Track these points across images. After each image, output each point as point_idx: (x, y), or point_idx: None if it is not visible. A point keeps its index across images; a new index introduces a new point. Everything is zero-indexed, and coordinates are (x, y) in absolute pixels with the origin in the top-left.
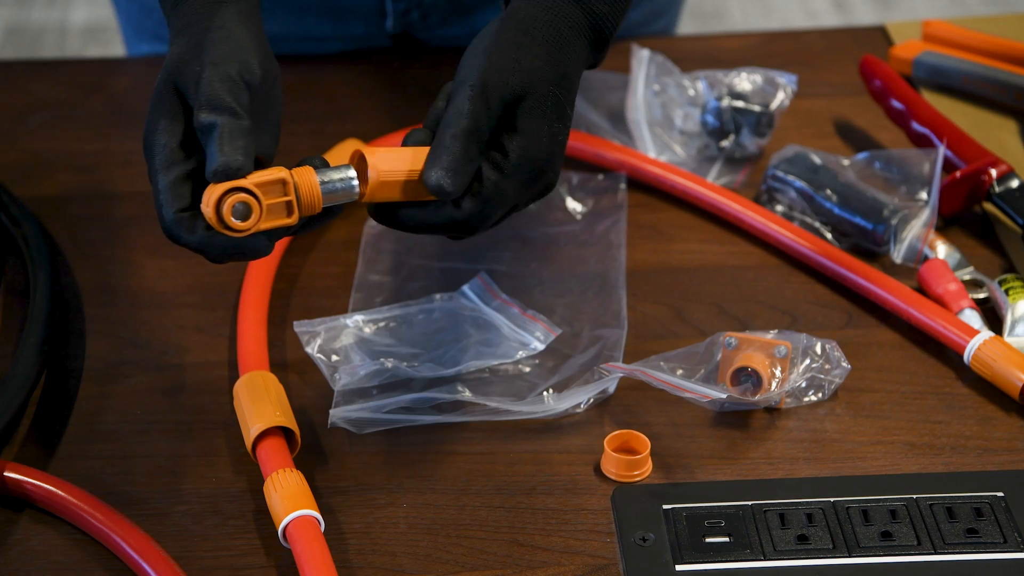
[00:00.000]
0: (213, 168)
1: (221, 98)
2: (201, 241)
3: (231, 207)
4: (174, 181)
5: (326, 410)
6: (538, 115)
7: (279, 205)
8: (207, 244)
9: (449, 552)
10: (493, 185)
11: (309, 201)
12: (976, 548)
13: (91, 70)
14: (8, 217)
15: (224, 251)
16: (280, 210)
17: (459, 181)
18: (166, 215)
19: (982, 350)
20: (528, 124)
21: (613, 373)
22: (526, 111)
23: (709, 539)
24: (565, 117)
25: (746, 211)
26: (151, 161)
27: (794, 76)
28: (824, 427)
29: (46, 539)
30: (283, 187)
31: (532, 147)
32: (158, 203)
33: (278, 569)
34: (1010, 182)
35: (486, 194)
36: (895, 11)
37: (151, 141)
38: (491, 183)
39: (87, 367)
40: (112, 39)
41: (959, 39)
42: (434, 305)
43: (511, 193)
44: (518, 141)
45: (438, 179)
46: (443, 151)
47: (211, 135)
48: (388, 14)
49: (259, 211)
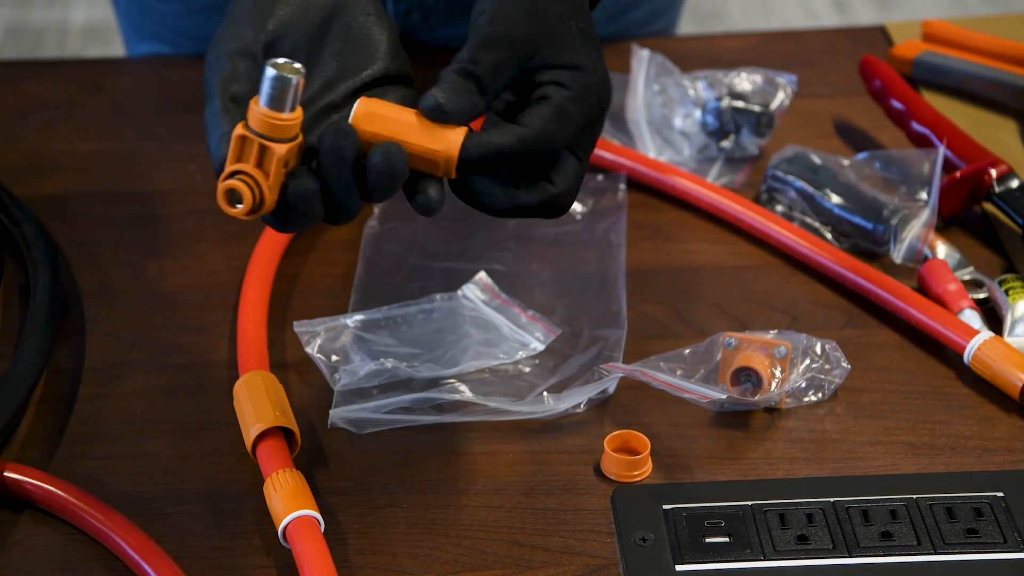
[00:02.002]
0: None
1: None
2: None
3: (224, 194)
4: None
5: (326, 410)
6: (568, 48)
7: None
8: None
9: (449, 552)
10: (556, 104)
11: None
12: (976, 548)
13: (91, 70)
14: (8, 217)
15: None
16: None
17: (456, 100)
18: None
19: (982, 350)
20: (567, 59)
21: (613, 373)
22: (554, 50)
23: (709, 539)
24: (596, 43)
25: (746, 211)
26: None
27: (794, 76)
28: (824, 427)
29: (46, 539)
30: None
31: (581, 76)
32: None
33: (278, 569)
34: (1010, 182)
35: (549, 110)
36: (895, 11)
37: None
38: (554, 103)
39: (87, 367)
40: (112, 39)
41: (959, 39)
42: (434, 305)
43: (574, 112)
44: (563, 75)
45: (432, 97)
46: (440, 80)
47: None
48: (388, 15)
49: (253, 196)
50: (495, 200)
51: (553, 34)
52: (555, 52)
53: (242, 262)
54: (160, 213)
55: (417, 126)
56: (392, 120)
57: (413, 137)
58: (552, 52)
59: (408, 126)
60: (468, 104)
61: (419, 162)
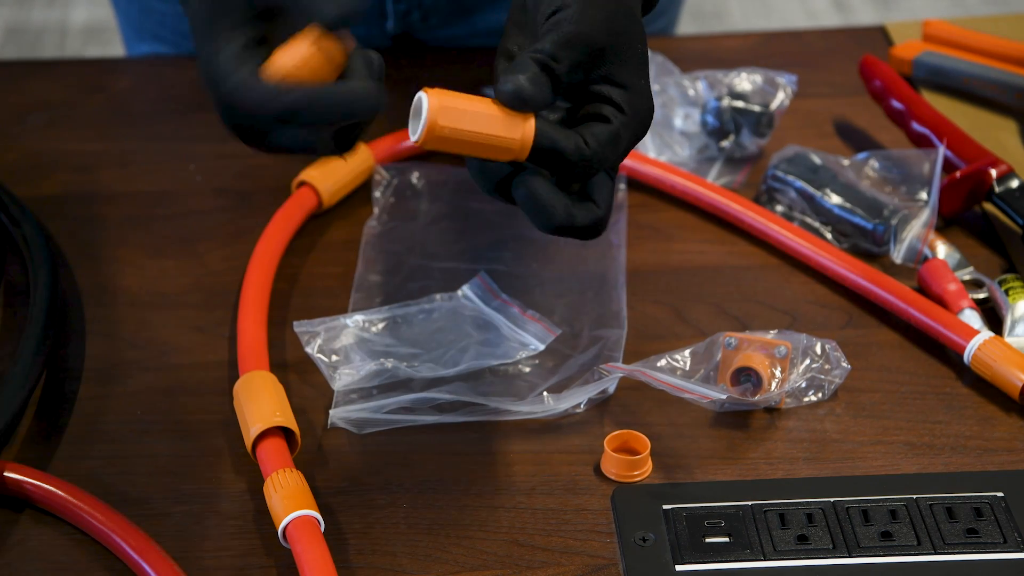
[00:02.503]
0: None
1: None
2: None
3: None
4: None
5: (326, 410)
6: (632, 69)
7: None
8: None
9: (449, 552)
10: (614, 129)
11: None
12: (976, 548)
13: (91, 70)
14: (8, 217)
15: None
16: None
17: (536, 91)
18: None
19: (982, 350)
20: (628, 79)
21: (613, 373)
22: (620, 66)
23: (709, 539)
24: (648, 67)
25: (746, 211)
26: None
27: (794, 76)
28: (824, 427)
29: (46, 539)
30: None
31: (637, 100)
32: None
33: (278, 569)
34: (1010, 182)
35: (607, 134)
36: (895, 11)
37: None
38: (612, 127)
39: (87, 367)
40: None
41: (959, 39)
42: (434, 305)
43: (625, 139)
44: (621, 94)
45: (515, 83)
46: (521, 65)
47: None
48: (389, 15)
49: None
50: (555, 213)
51: (624, 50)
52: (619, 68)
53: (242, 262)
54: (160, 213)
55: (493, 116)
56: (469, 113)
57: (492, 128)
58: (616, 67)
59: (485, 117)
60: (543, 97)
61: (490, 151)
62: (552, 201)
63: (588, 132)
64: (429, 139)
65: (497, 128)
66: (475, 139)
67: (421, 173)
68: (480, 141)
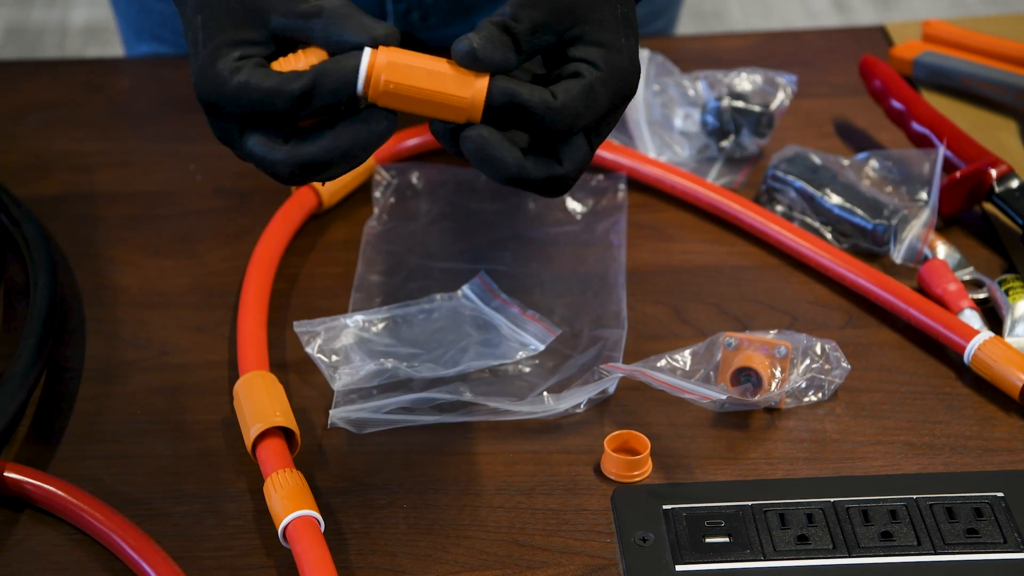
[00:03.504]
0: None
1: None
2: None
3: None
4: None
5: (326, 410)
6: (609, 28)
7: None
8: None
9: (449, 552)
10: (586, 83)
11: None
12: (976, 548)
13: (91, 70)
14: (8, 217)
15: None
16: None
17: (490, 48)
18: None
19: (982, 350)
20: (604, 38)
21: (613, 373)
22: (595, 26)
23: (709, 539)
24: (634, 28)
25: (746, 211)
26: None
27: (794, 76)
28: (824, 427)
29: (46, 539)
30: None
31: (615, 57)
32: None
33: (278, 569)
34: (1010, 182)
35: (579, 88)
36: (895, 11)
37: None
38: (584, 81)
39: (87, 367)
40: (112, 39)
41: (959, 39)
42: (434, 305)
43: (603, 95)
44: (598, 52)
45: (468, 41)
46: (477, 28)
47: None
48: (388, 15)
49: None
50: (505, 165)
51: (596, 9)
52: (594, 27)
53: (242, 262)
54: (160, 213)
55: (442, 74)
56: (417, 69)
57: (440, 85)
58: (591, 27)
59: (434, 74)
60: (502, 56)
61: (441, 110)
62: (500, 152)
63: (558, 87)
64: (375, 94)
65: (446, 85)
66: (422, 95)
67: (421, 173)
68: (428, 99)
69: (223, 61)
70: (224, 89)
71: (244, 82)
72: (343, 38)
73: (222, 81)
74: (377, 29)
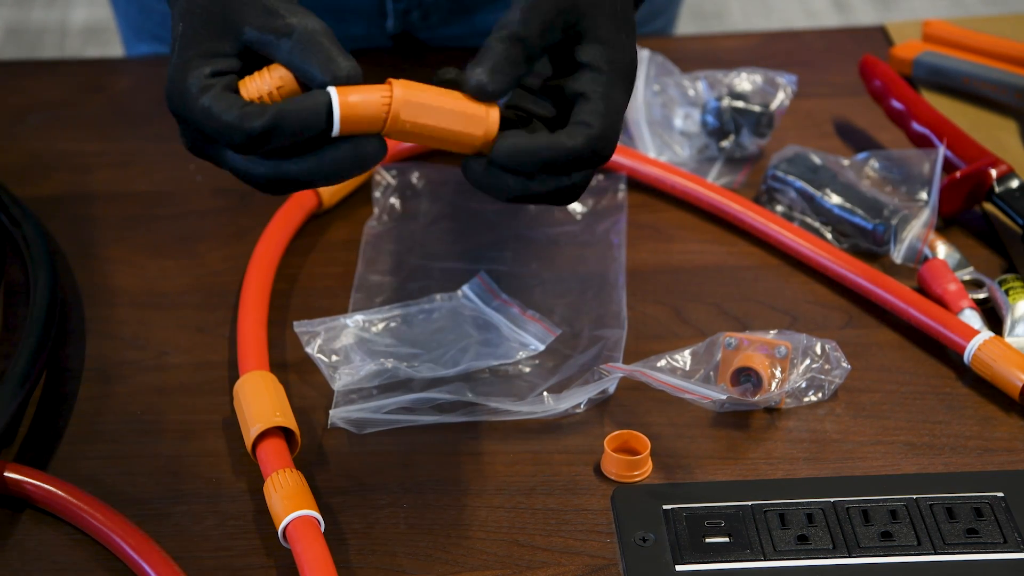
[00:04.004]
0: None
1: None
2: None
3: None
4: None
5: (326, 410)
6: (608, 23)
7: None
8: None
9: (449, 552)
10: (602, 94)
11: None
12: (976, 548)
13: (91, 70)
14: (8, 217)
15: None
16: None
17: (500, 80)
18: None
19: (982, 350)
20: (605, 34)
21: (613, 373)
22: (594, 20)
23: (709, 539)
24: (632, 26)
25: (746, 211)
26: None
27: (794, 76)
28: (824, 427)
29: (46, 539)
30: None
31: (616, 53)
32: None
33: (278, 569)
34: (1010, 182)
35: (602, 106)
36: (895, 11)
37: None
38: (598, 93)
39: (87, 367)
40: (112, 39)
41: (959, 39)
42: (434, 305)
43: (620, 97)
44: (601, 51)
45: (478, 78)
46: (486, 52)
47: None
48: (388, 14)
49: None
50: (508, 190)
51: (596, 4)
52: (595, 21)
53: (242, 262)
54: (160, 213)
55: (456, 112)
56: (433, 109)
57: (455, 124)
58: (592, 21)
59: (448, 113)
60: (511, 79)
61: (454, 145)
62: (504, 181)
63: (568, 133)
64: (390, 129)
65: (460, 124)
66: (437, 134)
67: (421, 173)
68: (443, 137)
69: (193, 75)
70: (190, 108)
71: (207, 108)
72: (305, 68)
73: (189, 98)
74: (340, 68)
